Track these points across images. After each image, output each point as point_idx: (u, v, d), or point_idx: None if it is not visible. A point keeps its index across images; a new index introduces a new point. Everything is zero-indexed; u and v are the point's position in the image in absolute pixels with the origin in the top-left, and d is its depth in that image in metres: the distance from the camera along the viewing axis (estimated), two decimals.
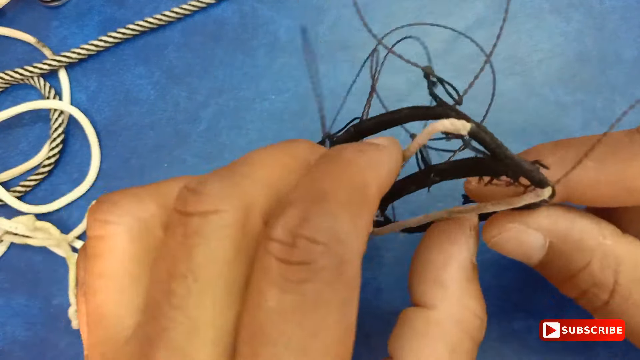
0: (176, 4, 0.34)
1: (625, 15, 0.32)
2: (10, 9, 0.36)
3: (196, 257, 0.14)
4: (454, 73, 0.32)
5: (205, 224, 0.14)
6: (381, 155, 0.16)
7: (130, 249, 0.15)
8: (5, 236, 0.31)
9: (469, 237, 0.18)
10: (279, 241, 0.13)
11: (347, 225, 0.14)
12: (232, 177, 0.15)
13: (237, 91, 0.33)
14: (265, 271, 0.13)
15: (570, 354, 0.27)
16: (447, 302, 0.17)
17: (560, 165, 0.17)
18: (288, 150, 0.17)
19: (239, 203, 0.14)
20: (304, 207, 0.14)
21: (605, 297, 0.18)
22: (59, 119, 0.33)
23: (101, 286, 0.15)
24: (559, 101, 0.31)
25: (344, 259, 0.13)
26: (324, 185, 0.14)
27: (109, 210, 0.16)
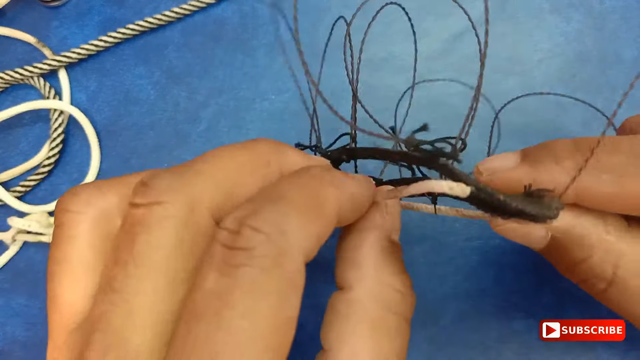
0: (176, 4, 0.34)
1: (625, 15, 0.32)
2: (10, 9, 0.36)
3: (137, 245, 0.15)
4: (454, 73, 0.32)
5: (148, 214, 0.15)
6: (348, 179, 0.17)
7: (88, 237, 0.16)
8: (18, 235, 0.31)
9: (384, 213, 0.18)
10: (227, 229, 0.14)
11: (295, 224, 0.14)
12: (184, 172, 0.16)
13: (237, 91, 0.33)
14: (210, 257, 0.14)
15: (571, 353, 0.27)
16: (363, 281, 0.17)
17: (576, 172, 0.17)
18: (248, 150, 0.17)
19: (184, 197, 0.15)
20: (257, 203, 0.14)
21: (603, 287, 0.19)
22: (59, 119, 0.33)
23: (57, 271, 0.17)
24: (559, 101, 0.31)
25: (284, 251, 0.14)
26: (284, 191, 0.15)
27: (70, 201, 0.17)
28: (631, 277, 0.18)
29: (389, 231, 0.18)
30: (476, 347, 0.28)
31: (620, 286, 0.18)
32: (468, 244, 0.29)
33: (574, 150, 0.18)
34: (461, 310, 0.28)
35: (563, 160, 0.18)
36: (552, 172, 0.18)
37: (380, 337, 0.17)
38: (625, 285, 0.18)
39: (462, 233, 0.29)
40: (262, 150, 0.18)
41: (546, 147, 0.19)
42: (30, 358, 0.30)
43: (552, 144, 0.19)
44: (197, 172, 0.16)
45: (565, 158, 0.18)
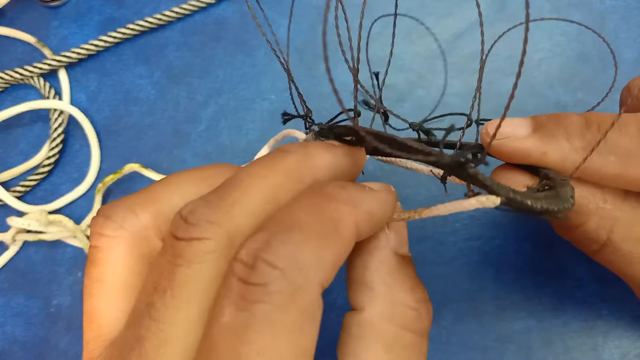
0: (176, 4, 0.34)
1: (625, 15, 0.32)
2: (10, 9, 0.36)
3: (177, 277, 0.15)
4: (454, 73, 0.32)
5: (189, 248, 0.15)
6: (365, 195, 0.16)
7: (124, 259, 0.17)
8: (18, 235, 0.31)
9: (387, 233, 0.18)
10: (242, 262, 0.14)
11: (309, 256, 0.14)
12: (220, 205, 0.16)
13: (237, 91, 0.33)
14: (227, 289, 0.14)
15: (571, 353, 0.27)
16: (374, 302, 0.17)
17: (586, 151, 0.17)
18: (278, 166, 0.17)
19: (223, 232, 0.15)
20: (271, 233, 0.14)
21: (596, 248, 0.19)
22: (59, 118, 0.33)
23: (95, 290, 0.17)
24: (559, 101, 0.31)
25: (299, 286, 0.14)
26: (297, 215, 0.15)
27: (104, 225, 0.17)
28: (623, 241, 0.19)
29: (395, 247, 0.18)
30: (476, 347, 0.28)
31: (612, 248, 0.19)
32: (468, 244, 0.29)
33: (585, 128, 0.18)
34: (461, 310, 0.28)
35: (574, 138, 0.18)
36: (563, 149, 0.18)
37: (395, 356, 0.16)
38: (617, 247, 0.19)
39: (462, 233, 0.29)
40: (293, 165, 0.17)
41: (558, 121, 0.19)
42: (30, 358, 0.30)
43: (564, 119, 0.19)
44: (233, 203, 0.16)
45: (576, 136, 0.18)
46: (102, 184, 0.31)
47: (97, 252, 0.17)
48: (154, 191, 0.18)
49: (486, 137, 0.19)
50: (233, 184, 0.17)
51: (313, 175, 0.17)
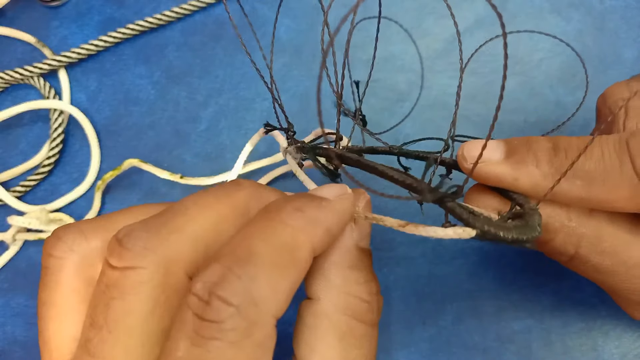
0: (176, 4, 0.34)
1: (625, 15, 0.32)
2: (10, 9, 0.36)
3: (112, 311, 0.15)
4: (454, 72, 0.32)
5: (123, 279, 0.15)
6: (322, 214, 0.16)
7: (71, 282, 0.17)
8: (18, 234, 0.31)
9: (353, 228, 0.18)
10: (197, 296, 0.14)
11: (265, 289, 0.14)
12: (160, 231, 0.16)
13: (237, 91, 0.33)
14: (182, 323, 0.14)
15: (571, 353, 0.27)
16: (330, 292, 0.17)
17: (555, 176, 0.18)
18: (228, 198, 0.17)
19: (160, 260, 0.15)
20: (225, 265, 0.14)
21: (566, 260, 0.20)
22: (59, 118, 0.33)
23: (44, 313, 0.17)
24: (559, 101, 0.31)
25: (254, 322, 0.14)
26: (252, 244, 0.15)
27: (54, 245, 0.17)
28: (590, 254, 0.19)
29: (357, 240, 0.18)
30: (476, 347, 0.28)
31: (580, 260, 0.20)
32: (468, 244, 0.29)
33: (553, 154, 0.19)
34: (461, 311, 0.28)
35: (543, 165, 0.19)
36: (533, 175, 0.19)
37: (348, 346, 0.17)
38: (585, 260, 0.20)
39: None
40: (242, 198, 0.17)
41: (528, 147, 0.20)
42: (30, 358, 0.30)
43: (534, 144, 0.20)
44: (174, 229, 0.16)
45: (544, 162, 0.19)
46: (102, 181, 0.31)
47: (46, 273, 0.17)
48: (110, 218, 0.18)
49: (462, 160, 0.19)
50: (177, 210, 0.16)
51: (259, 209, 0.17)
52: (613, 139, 0.19)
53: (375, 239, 0.30)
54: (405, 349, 0.28)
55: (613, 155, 0.18)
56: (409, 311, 0.29)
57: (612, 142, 0.19)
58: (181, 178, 0.30)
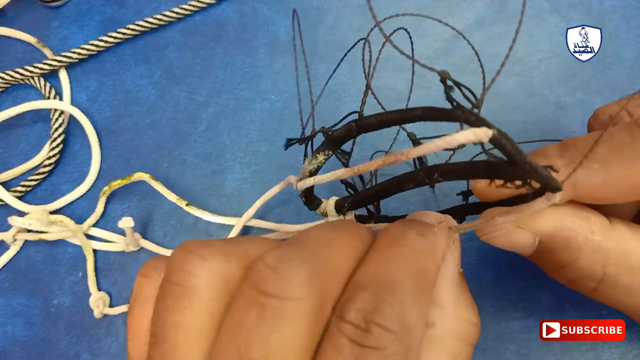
0: (176, 4, 0.34)
1: (625, 15, 0.32)
2: (11, 9, 0.36)
3: (272, 343, 0.14)
4: (454, 73, 0.32)
5: (284, 309, 0.14)
6: (439, 239, 0.17)
7: (210, 306, 0.16)
8: (19, 235, 0.31)
9: (453, 251, 0.19)
10: (352, 324, 0.14)
11: (415, 315, 0.15)
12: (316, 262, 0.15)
13: (237, 91, 0.33)
14: (339, 350, 0.14)
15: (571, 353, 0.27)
16: (443, 318, 0.17)
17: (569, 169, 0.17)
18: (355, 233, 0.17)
19: (319, 293, 0.15)
20: (375, 293, 0.15)
21: (594, 286, 0.19)
22: (59, 119, 0.33)
23: (174, 337, 0.15)
24: (559, 101, 0.31)
25: (411, 347, 0.15)
26: (392, 271, 0.15)
27: (197, 265, 0.16)
28: (620, 273, 0.19)
29: (458, 265, 0.19)
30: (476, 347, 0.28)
31: (610, 283, 0.19)
32: (468, 243, 0.29)
33: (562, 149, 0.19)
34: None
35: (554, 159, 0.19)
36: None
37: None
38: (615, 282, 0.19)
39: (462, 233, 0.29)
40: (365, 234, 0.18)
41: (536, 152, 0.20)
42: (30, 358, 0.30)
43: (542, 149, 0.20)
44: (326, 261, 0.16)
45: (555, 157, 0.19)
46: (109, 188, 0.31)
47: (182, 292, 0.16)
48: (246, 243, 0.17)
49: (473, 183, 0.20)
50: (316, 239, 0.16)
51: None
52: (620, 125, 0.19)
53: None
54: None
55: (623, 134, 0.18)
56: None
57: (619, 126, 0.19)
58: (187, 206, 0.31)
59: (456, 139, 0.14)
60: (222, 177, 0.32)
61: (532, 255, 0.21)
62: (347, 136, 0.19)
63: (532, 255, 0.21)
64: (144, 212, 0.32)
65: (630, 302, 0.19)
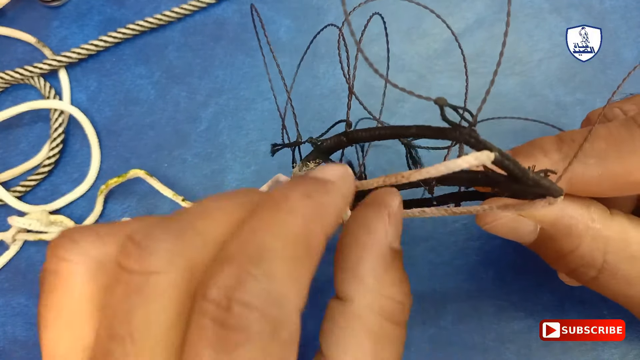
0: (176, 4, 0.34)
1: (625, 15, 0.32)
2: (10, 9, 0.36)
3: (135, 319, 0.13)
4: (454, 73, 0.32)
5: (146, 284, 0.14)
6: (331, 198, 0.15)
7: (84, 289, 0.15)
8: (18, 235, 0.31)
9: (386, 225, 0.17)
10: (214, 303, 0.13)
11: (285, 286, 0.13)
12: (184, 233, 0.14)
13: (237, 91, 0.33)
14: (201, 332, 0.13)
15: (571, 353, 0.27)
16: (364, 294, 0.16)
17: (565, 162, 0.18)
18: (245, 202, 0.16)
19: (186, 264, 0.14)
20: (240, 266, 0.13)
21: (594, 274, 0.19)
22: (59, 118, 0.33)
23: (51, 321, 0.15)
24: (559, 101, 0.31)
25: (280, 322, 0.13)
26: (264, 239, 0.14)
27: (68, 248, 0.15)
28: (620, 262, 0.19)
29: (391, 241, 0.17)
30: (476, 347, 0.28)
31: (610, 272, 0.19)
32: (468, 244, 0.29)
33: (559, 142, 0.19)
34: (461, 311, 0.28)
35: (551, 153, 0.19)
36: (542, 164, 0.19)
37: (381, 347, 0.16)
38: (615, 270, 0.19)
39: (462, 233, 0.29)
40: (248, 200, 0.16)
41: (533, 144, 0.20)
42: (30, 358, 0.30)
43: (539, 141, 0.20)
44: (198, 233, 0.15)
45: (552, 150, 0.19)
46: (105, 186, 0.31)
47: (54, 278, 0.15)
48: (123, 223, 0.17)
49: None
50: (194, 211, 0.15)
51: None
52: (617, 121, 0.19)
53: None
54: (405, 349, 0.28)
55: (621, 129, 0.18)
56: None
57: (617, 122, 0.19)
58: (183, 201, 0.31)
59: (458, 164, 0.14)
60: (222, 177, 0.32)
61: (533, 244, 0.20)
62: (336, 147, 0.19)
63: (533, 244, 0.20)
64: (144, 212, 0.32)
65: (631, 292, 0.19)
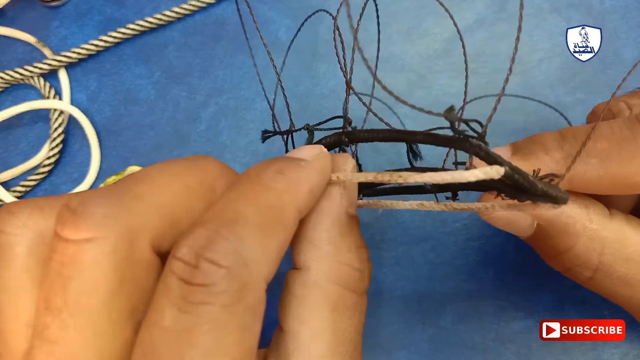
0: (176, 4, 0.34)
1: (625, 15, 0.32)
2: (10, 9, 0.36)
3: (71, 291, 0.13)
4: (454, 73, 0.32)
5: (80, 253, 0.13)
6: (303, 174, 0.16)
7: (25, 262, 0.15)
8: None
9: (341, 189, 0.17)
10: (183, 261, 0.13)
11: (255, 250, 0.13)
12: (122, 197, 0.14)
13: (237, 91, 0.33)
14: (167, 290, 0.13)
15: (571, 353, 0.27)
16: (320, 261, 0.16)
17: (567, 161, 0.18)
18: (195, 171, 0.16)
19: (123, 229, 0.14)
20: (212, 228, 0.13)
21: (589, 274, 0.19)
22: (59, 118, 0.33)
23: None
24: (559, 101, 0.31)
25: (246, 284, 0.13)
26: (237, 208, 0.14)
27: (5, 220, 0.15)
28: (615, 263, 0.19)
29: (346, 207, 0.17)
30: (476, 347, 0.28)
31: (605, 272, 0.19)
32: (468, 244, 0.29)
33: (561, 140, 0.19)
34: (461, 311, 0.28)
35: (553, 151, 0.19)
36: (544, 162, 0.18)
37: (339, 316, 0.16)
38: (610, 271, 0.19)
39: (462, 233, 0.29)
40: (211, 172, 0.16)
41: (535, 140, 0.19)
42: None
43: (540, 137, 0.19)
44: (137, 197, 0.14)
45: (554, 148, 0.19)
46: (104, 185, 0.31)
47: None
48: (65, 195, 0.16)
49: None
50: (140, 178, 0.15)
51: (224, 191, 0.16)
52: (621, 119, 0.19)
53: (376, 238, 0.30)
54: (405, 348, 0.28)
55: (624, 130, 0.18)
56: (409, 311, 0.29)
57: (620, 120, 0.19)
58: None
59: (465, 177, 0.13)
60: None
61: (530, 238, 0.20)
62: (336, 144, 0.19)
63: (530, 238, 0.20)
64: None
65: (626, 292, 0.19)
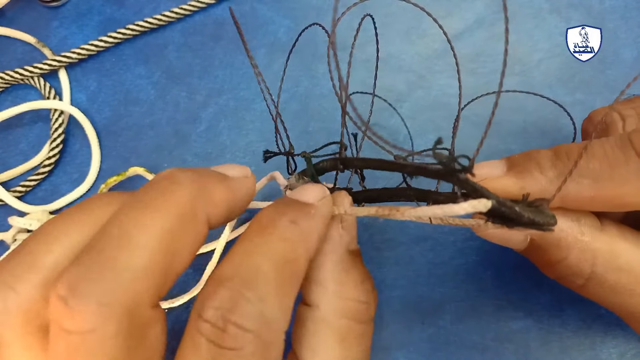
0: (176, 4, 0.34)
1: (625, 15, 0.32)
2: (10, 9, 0.36)
3: None
4: (454, 73, 0.32)
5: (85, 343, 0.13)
6: (313, 223, 0.17)
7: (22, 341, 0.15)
8: (19, 235, 0.31)
9: (339, 229, 0.18)
10: (210, 323, 0.14)
11: (276, 309, 0.15)
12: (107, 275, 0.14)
13: (237, 91, 0.33)
14: (196, 350, 0.14)
15: (570, 353, 0.27)
16: (328, 299, 0.17)
17: (560, 180, 0.18)
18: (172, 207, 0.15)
19: (121, 309, 0.14)
20: (234, 288, 0.14)
21: (581, 283, 0.20)
22: (59, 119, 0.33)
23: None
24: (559, 101, 0.31)
25: (270, 343, 0.14)
26: (255, 264, 0.15)
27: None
28: (607, 272, 0.19)
29: (347, 244, 0.18)
30: (475, 347, 0.28)
31: (597, 281, 0.19)
32: (468, 243, 0.29)
33: (555, 159, 0.19)
34: (460, 310, 0.28)
35: (547, 170, 0.19)
36: (538, 181, 0.19)
37: (349, 345, 0.17)
38: (602, 280, 0.19)
39: (461, 233, 0.29)
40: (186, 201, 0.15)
41: (529, 157, 0.20)
42: None
43: (535, 155, 0.20)
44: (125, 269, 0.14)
45: (548, 168, 0.19)
46: (105, 185, 0.31)
47: None
48: (30, 253, 0.15)
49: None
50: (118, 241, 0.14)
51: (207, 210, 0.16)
52: (613, 138, 0.19)
53: (376, 238, 0.30)
54: (404, 348, 0.28)
55: (617, 151, 0.18)
56: (408, 311, 0.29)
57: (612, 140, 0.19)
58: None
59: (455, 211, 0.14)
60: None
61: (524, 251, 0.21)
62: (331, 169, 0.19)
63: (524, 251, 0.21)
64: None
65: (617, 300, 0.20)
